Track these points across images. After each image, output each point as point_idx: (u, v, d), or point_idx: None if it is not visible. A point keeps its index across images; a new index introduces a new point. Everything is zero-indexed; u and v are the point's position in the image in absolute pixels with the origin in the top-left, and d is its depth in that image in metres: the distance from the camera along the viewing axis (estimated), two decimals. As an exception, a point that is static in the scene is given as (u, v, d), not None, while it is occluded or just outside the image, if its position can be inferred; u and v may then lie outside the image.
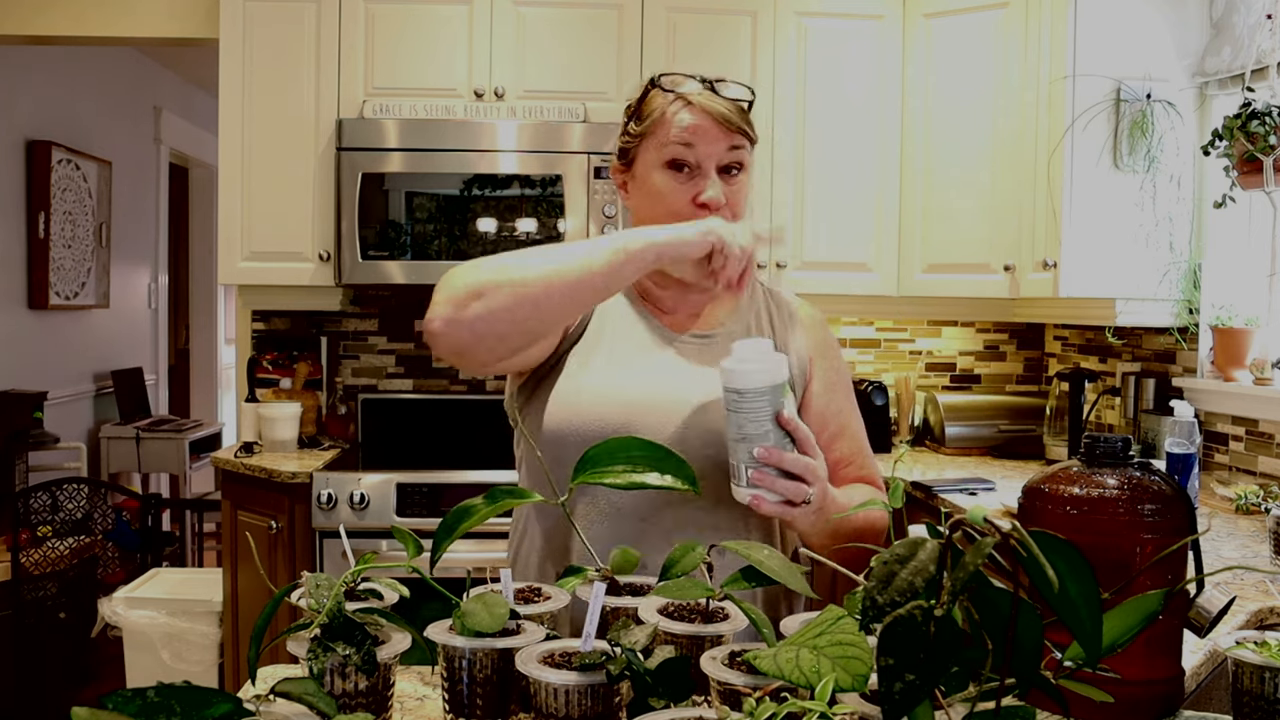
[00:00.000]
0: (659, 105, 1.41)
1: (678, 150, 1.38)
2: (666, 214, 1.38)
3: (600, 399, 1.38)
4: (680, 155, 1.39)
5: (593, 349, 1.43)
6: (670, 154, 1.39)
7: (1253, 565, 1.93)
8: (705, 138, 1.38)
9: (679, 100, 1.39)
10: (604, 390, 1.39)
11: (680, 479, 1.12)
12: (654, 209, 1.40)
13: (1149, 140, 2.83)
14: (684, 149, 1.38)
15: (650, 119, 1.41)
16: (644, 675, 0.89)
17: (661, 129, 1.39)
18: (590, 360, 1.42)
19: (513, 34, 3.30)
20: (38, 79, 4.75)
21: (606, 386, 1.39)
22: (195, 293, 6.92)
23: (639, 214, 1.44)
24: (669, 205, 1.39)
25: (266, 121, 3.28)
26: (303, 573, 1.23)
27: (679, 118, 1.38)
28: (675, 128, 1.38)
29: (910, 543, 0.69)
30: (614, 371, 1.41)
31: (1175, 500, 0.96)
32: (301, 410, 3.41)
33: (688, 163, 1.39)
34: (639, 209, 1.44)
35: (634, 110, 1.45)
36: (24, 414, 4.24)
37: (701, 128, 1.38)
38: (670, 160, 1.39)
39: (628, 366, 1.42)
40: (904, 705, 0.65)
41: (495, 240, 3.21)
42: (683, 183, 1.39)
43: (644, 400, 1.38)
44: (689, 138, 1.38)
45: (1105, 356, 3.44)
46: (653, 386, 1.40)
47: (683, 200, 1.39)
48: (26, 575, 3.67)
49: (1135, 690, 0.92)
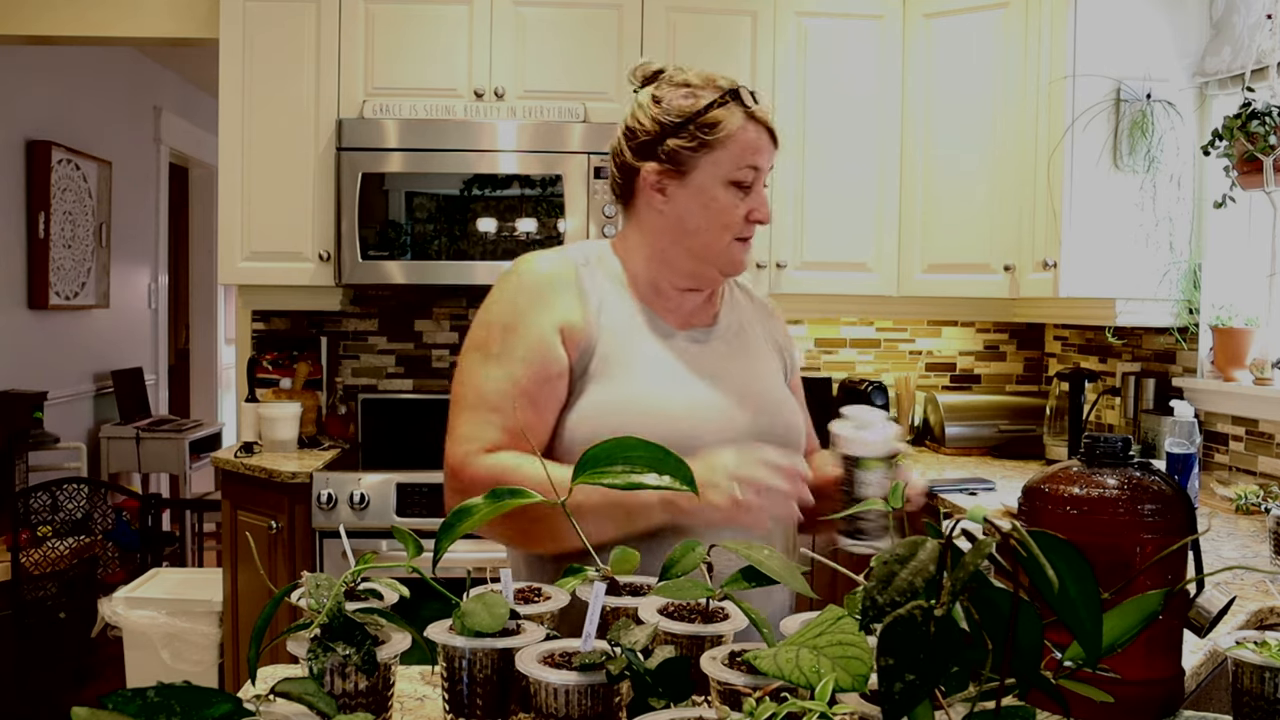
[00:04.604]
0: (733, 122, 1.42)
1: (747, 173, 1.43)
2: (721, 226, 1.43)
3: (634, 411, 1.39)
4: (747, 177, 1.43)
5: (609, 363, 1.42)
6: (741, 176, 1.43)
7: (1253, 565, 1.93)
8: (764, 156, 1.44)
9: (746, 115, 1.43)
10: (637, 402, 1.40)
11: (679, 479, 1.12)
12: (708, 220, 1.43)
13: (1149, 140, 2.83)
14: (751, 172, 1.43)
15: (721, 132, 1.41)
16: (644, 675, 0.89)
17: (734, 148, 1.42)
18: (610, 371, 1.41)
19: (513, 34, 3.30)
20: (38, 79, 4.74)
21: (635, 399, 1.40)
22: (195, 293, 6.92)
23: (685, 220, 1.44)
24: (726, 219, 1.43)
25: (266, 121, 3.28)
26: (303, 573, 1.23)
27: (751, 138, 1.43)
28: (751, 151, 1.43)
29: (910, 543, 0.69)
30: (640, 383, 1.41)
31: (1175, 500, 0.96)
32: (301, 410, 3.41)
33: (748, 182, 1.43)
34: (686, 216, 1.44)
35: (694, 117, 1.42)
36: (24, 414, 4.24)
37: (764, 148, 1.44)
38: (737, 180, 1.43)
39: (649, 376, 1.42)
40: (904, 705, 0.65)
41: (495, 240, 3.21)
42: (741, 199, 1.43)
43: (670, 407, 1.40)
44: (758, 160, 1.43)
45: (1105, 356, 3.44)
46: (677, 392, 1.42)
47: (739, 216, 1.44)
48: (26, 575, 3.67)
49: (1135, 690, 0.92)
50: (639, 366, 1.42)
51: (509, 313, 1.44)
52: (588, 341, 1.42)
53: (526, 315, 1.42)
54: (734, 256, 1.46)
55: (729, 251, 1.46)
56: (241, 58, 3.27)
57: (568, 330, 1.42)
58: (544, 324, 1.41)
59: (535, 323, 1.41)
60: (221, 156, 3.31)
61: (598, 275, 1.47)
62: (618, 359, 1.42)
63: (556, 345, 1.41)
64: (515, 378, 1.40)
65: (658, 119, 1.43)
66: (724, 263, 1.47)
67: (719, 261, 1.47)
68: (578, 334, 1.42)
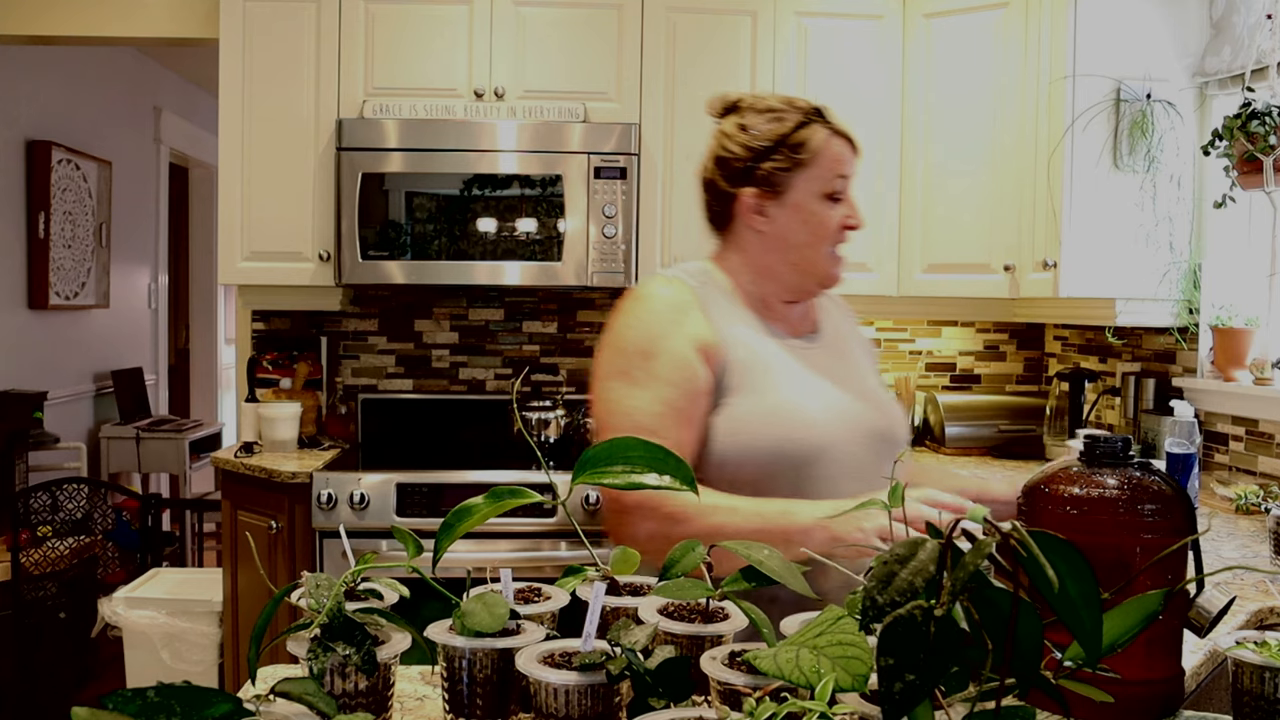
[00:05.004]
0: (818, 138, 1.53)
1: (838, 183, 1.54)
2: (820, 238, 1.55)
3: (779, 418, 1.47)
4: (839, 187, 1.55)
5: (748, 376, 1.50)
6: (833, 187, 1.54)
7: (1253, 565, 1.93)
8: (850, 165, 1.57)
9: (830, 131, 1.54)
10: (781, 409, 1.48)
11: (679, 479, 1.12)
12: (809, 234, 1.55)
13: (1149, 140, 2.83)
14: (841, 181, 1.55)
15: (810, 152, 1.53)
16: (644, 675, 0.89)
17: (824, 163, 1.53)
18: (749, 383, 1.49)
19: (513, 34, 3.30)
20: (38, 79, 4.74)
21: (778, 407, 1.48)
22: (195, 293, 6.92)
23: (787, 236, 1.55)
24: (824, 230, 1.55)
25: (266, 121, 3.28)
26: (303, 573, 1.23)
27: (837, 151, 1.54)
28: (838, 163, 1.54)
29: (910, 543, 0.70)
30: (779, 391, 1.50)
31: (1175, 500, 0.96)
32: (301, 410, 3.41)
33: (840, 192, 1.55)
34: (788, 232, 1.55)
35: (784, 139, 1.53)
36: (24, 414, 4.23)
37: (849, 159, 1.56)
38: (831, 193, 1.54)
39: (784, 384, 1.51)
40: (904, 705, 0.65)
41: (495, 240, 3.21)
42: (834, 210, 1.55)
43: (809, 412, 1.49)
44: (846, 170, 1.55)
45: (1105, 356, 3.44)
46: (812, 398, 1.51)
47: (835, 225, 1.56)
48: (26, 575, 3.67)
49: (1135, 690, 0.92)
50: (773, 376, 1.51)
51: (645, 338, 1.50)
52: (722, 356, 1.50)
53: (664, 338, 1.49)
54: (831, 269, 1.59)
55: (827, 263, 1.58)
56: (241, 58, 3.27)
57: (704, 347, 1.49)
58: (682, 344, 1.49)
59: (674, 344, 1.49)
60: (221, 156, 3.31)
61: (713, 293, 1.56)
62: (752, 370, 1.50)
63: (698, 363, 1.48)
64: (665, 398, 1.46)
65: (748, 145, 1.54)
66: (822, 275, 1.59)
67: (819, 273, 1.58)
68: (713, 350, 1.50)
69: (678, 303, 1.52)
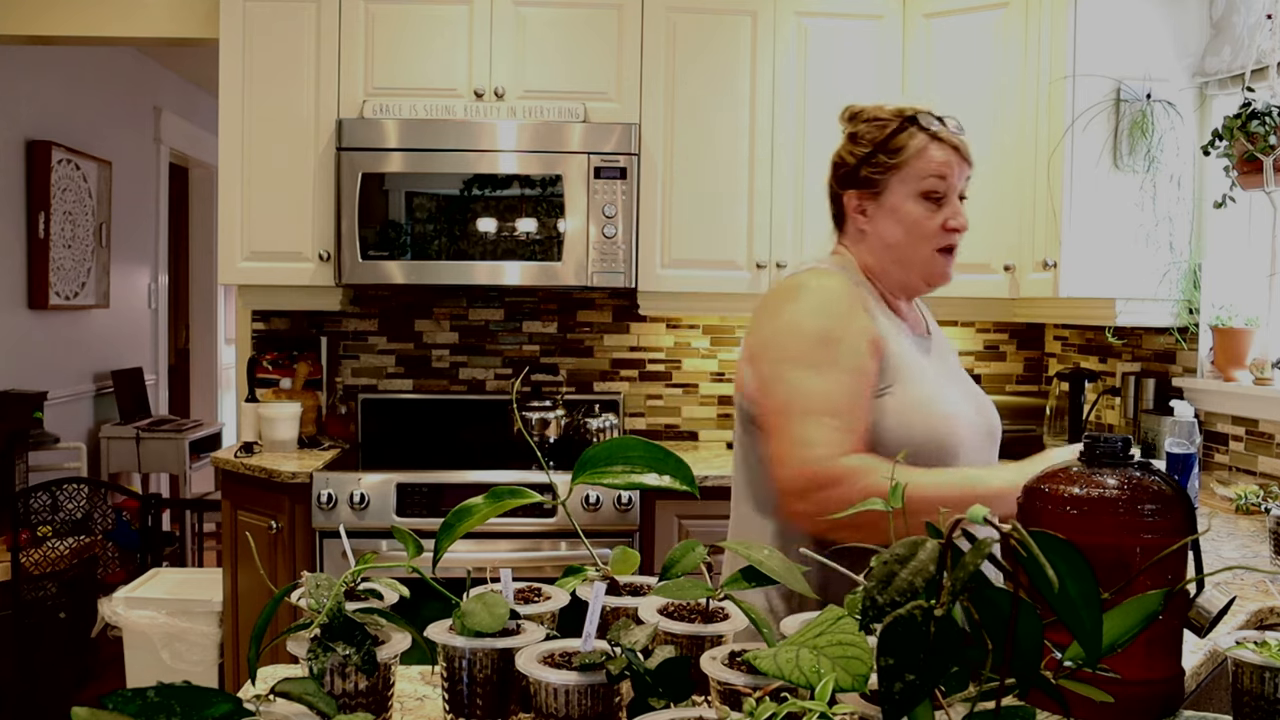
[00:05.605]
0: (916, 142, 1.59)
1: (933, 183, 1.59)
2: (917, 238, 1.60)
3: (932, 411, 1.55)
4: (935, 188, 1.59)
5: (900, 368, 1.57)
6: (927, 186, 1.59)
7: (1253, 565, 1.93)
8: (954, 171, 1.60)
9: (929, 136, 1.59)
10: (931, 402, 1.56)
11: (679, 479, 1.12)
12: (903, 232, 1.60)
13: (1149, 140, 2.83)
14: (938, 181, 1.59)
15: (905, 154, 1.59)
16: (644, 675, 0.89)
17: (919, 164, 1.59)
18: (902, 375, 1.56)
19: (513, 34, 3.30)
20: (38, 79, 4.74)
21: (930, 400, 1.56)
22: (195, 293, 6.92)
23: (884, 236, 1.62)
24: (922, 230, 1.60)
25: (266, 121, 3.28)
26: (303, 573, 1.23)
27: (935, 154, 1.59)
28: (933, 164, 1.59)
29: (910, 543, 0.70)
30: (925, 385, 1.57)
31: (1175, 500, 0.96)
32: (301, 410, 3.41)
33: (939, 193, 1.59)
34: (885, 231, 1.62)
35: (881, 143, 1.60)
36: (24, 414, 4.24)
37: (950, 163, 1.60)
38: (926, 192, 1.59)
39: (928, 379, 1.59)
40: (904, 705, 0.65)
41: (495, 240, 3.21)
42: (933, 211, 1.60)
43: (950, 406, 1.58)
44: (944, 171, 1.59)
45: (1105, 356, 3.44)
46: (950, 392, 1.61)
47: (934, 226, 1.60)
48: (26, 575, 3.67)
49: (1135, 690, 0.92)
50: (918, 370, 1.58)
51: (823, 326, 1.54)
52: (883, 349, 1.55)
53: (840, 327, 1.54)
54: (936, 267, 1.63)
55: (931, 262, 1.62)
56: (241, 58, 3.27)
57: (872, 339, 1.55)
58: (857, 334, 1.54)
59: (850, 333, 1.54)
60: (221, 156, 3.31)
61: (860, 289, 1.62)
62: (902, 363, 1.56)
63: (869, 354, 1.54)
64: (846, 385, 1.51)
65: (853, 151, 1.64)
66: (927, 273, 1.63)
67: (923, 271, 1.63)
68: (877, 342, 1.55)
69: (847, 294, 1.58)
